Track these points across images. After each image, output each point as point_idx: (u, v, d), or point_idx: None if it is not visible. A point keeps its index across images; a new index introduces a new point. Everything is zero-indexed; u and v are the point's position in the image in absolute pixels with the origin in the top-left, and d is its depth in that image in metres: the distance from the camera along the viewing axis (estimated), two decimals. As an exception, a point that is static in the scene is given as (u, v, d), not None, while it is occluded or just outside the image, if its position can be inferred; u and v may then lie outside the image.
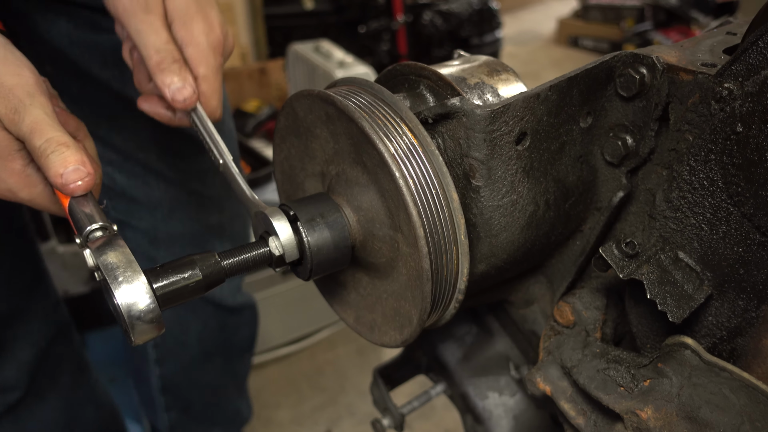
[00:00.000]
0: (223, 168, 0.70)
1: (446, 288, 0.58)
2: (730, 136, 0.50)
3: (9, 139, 0.63)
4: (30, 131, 0.60)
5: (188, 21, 0.73)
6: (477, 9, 4.81)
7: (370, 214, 0.61)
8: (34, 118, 0.61)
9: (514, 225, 0.60)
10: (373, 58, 4.35)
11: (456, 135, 0.56)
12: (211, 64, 0.74)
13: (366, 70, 2.54)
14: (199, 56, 0.73)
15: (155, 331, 0.53)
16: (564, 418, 0.63)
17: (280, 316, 2.39)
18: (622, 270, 0.55)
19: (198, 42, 0.73)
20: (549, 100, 0.56)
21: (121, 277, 0.52)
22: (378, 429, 0.99)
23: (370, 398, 1.04)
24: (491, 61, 0.68)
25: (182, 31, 0.73)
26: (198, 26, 0.73)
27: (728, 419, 0.49)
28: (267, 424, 2.21)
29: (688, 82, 0.54)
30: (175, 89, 0.69)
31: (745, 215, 0.51)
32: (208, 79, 0.74)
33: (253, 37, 4.10)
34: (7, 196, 0.66)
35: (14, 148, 0.64)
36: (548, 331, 0.69)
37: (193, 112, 0.73)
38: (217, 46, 0.75)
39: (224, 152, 0.70)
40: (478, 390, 0.90)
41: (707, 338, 0.59)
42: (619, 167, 0.63)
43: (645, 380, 0.54)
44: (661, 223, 0.58)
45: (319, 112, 0.61)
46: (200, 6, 0.74)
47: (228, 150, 0.70)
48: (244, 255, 0.60)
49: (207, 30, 0.74)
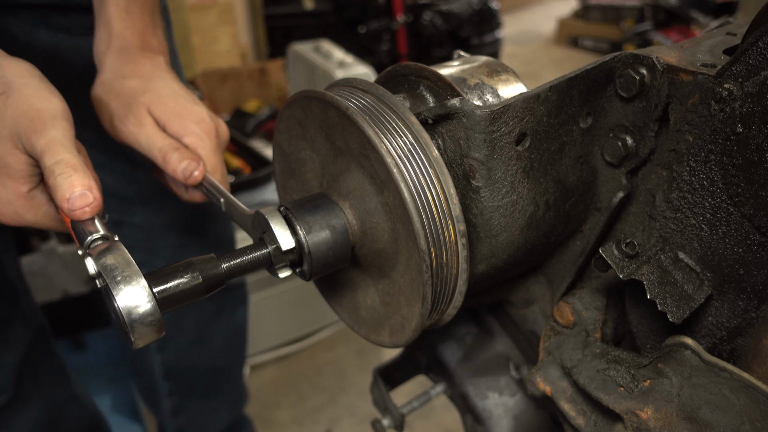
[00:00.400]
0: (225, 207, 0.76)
1: (446, 288, 0.58)
2: (730, 137, 0.50)
3: (24, 162, 0.67)
4: (43, 151, 0.64)
5: (178, 119, 0.84)
6: (477, 9, 4.81)
7: (370, 214, 0.61)
8: (50, 139, 0.64)
9: (514, 225, 0.60)
10: (373, 58, 4.35)
11: (456, 135, 0.56)
12: (208, 145, 0.85)
13: (366, 70, 2.54)
14: (196, 141, 0.84)
15: (155, 334, 0.54)
16: (564, 419, 0.63)
17: (280, 316, 2.39)
18: (622, 270, 0.55)
19: (192, 131, 0.84)
20: (549, 101, 0.56)
21: (122, 282, 0.52)
22: (378, 429, 0.99)
23: (370, 398, 1.04)
24: (491, 62, 0.68)
25: (176, 127, 0.84)
26: (188, 119, 0.84)
27: (728, 419, 0.49)
28: (267, 424, 2.21)
29: (688, 83, 0.54)
30: (182, 170, 0.80)
31: (745, 216, 0.51)
32: (207, 158, 0.84)
33: (253, 37, 4.10)
34: (13, 219, 0.70)
35: (27, 172, 0.68)
36: (548, 331, 0.69)
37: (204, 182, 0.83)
38: (210, 130, 0.86)
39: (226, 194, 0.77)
40: (478, 390, 0.90)
41: (707, 338, 0.59)
42: (619, 168, 0.63)
43: (645, 380, 0.54)
44: (661, 223, 0.58)
45: (316, 114, 0.61)
46: (184, 106, 0.85)
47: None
48: (244, 257, 0.61)
49: (198, 120, 0.85)
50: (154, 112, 0.84)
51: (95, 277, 0.55)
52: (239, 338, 1.68)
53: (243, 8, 4.00)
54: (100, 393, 2.12)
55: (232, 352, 1.66)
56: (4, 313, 1.24)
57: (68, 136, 0.67)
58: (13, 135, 0.66)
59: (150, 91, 0.85)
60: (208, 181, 0.82)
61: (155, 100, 0.84)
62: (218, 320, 1.56)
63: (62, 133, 0.66)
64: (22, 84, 0.67)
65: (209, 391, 1.63)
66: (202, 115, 0.87)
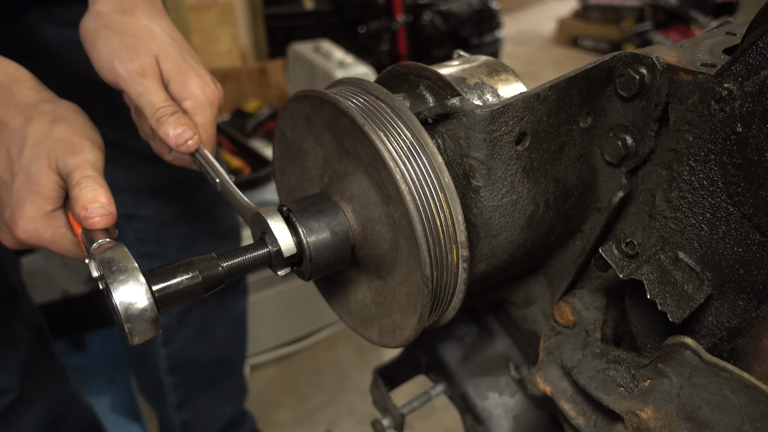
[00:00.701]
0: (221, 187, 0.74)
1: (446, 288, 0.58)
2: (730, 137, 0.50)
3: (54, 182, 0.71)
4: (75, 168, 0.70)
5: (184, 79, 0.80)
6: (477, 9, 4.81)
7: (370, 214, 0.61)
8: (84, 160, 0.70)
9: (513, 225, 0.60)
10: (373, 58, 4.35)
11: (456, 135, 0.56)
12: (208, 115, 0.82)
13: (366, 70, 2.54)
14: (196, 108, 0.80)
15: (153, 332, 0.54)
16: (564, 419, 0.63)
17: (280, 315, 2.39)
18: (622, 270, 0.55)
19: (195, 95, 0.80)
20: (549, 101, 0.56)
21: (120, 278, 0.53)
22: (378, 429, 0.99)
23: (370, 398, 1.04)
24: (491, 62, 0.68)
25: (179, 87, 0.80)
26: (194, 82, 0.81)
27: (728, 419, 0.49)
28: (267, 424, 2.21)
29: (688, 83, 0.54)
30: (174, 135, 0.76)
31: (744, 215, 0.51)
32: (204, 127, 0.81)
33: (253, 37, 4.10)
34: (31, 236, 0.72)
35: (55, 192, 0.71)
36: (548, 331, 0.69)
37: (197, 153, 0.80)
38: (214, 99, 0.83)
39: (222, 174, 0.74)
40: (478, 390, 0.90)
41: (707, 338, 0.58)
42: (618, 167, 0.63)
43: (645, 380, 0.54)
44: (660, 223, 0.58)
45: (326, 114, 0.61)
46: (191, 65, 0.82)
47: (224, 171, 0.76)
48: (243, 257, 0.61)
49: (203, 85, 0.81)
50: (161, 64, 0.80)
51: (98, 279, 0.55)
52: (241, 329, 1.70)
53: (243, 8, 4.00)
54: (100, 393, 2.13)
55: (234, 343, 1.68)
56: (5, 314, 1.24)
57: (100, 163, 0.73)
58: (50, 155, 0.70)
59: (157, 38, 0.80)
60: (202, 153, 0.78)
61: (163, 50, 0.80)
62: (221, 312, 1.57)
63: (95, 158, 0.72)
64: (71, 117, 0.74)
65: (213, 384, 1.65)
66: (207, 80, 0.83)
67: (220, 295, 1.55)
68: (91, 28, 0.80)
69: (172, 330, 1.48)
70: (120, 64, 0.77)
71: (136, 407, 2.08)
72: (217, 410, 1.69)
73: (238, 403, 1.77)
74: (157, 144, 0.86)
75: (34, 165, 0.70)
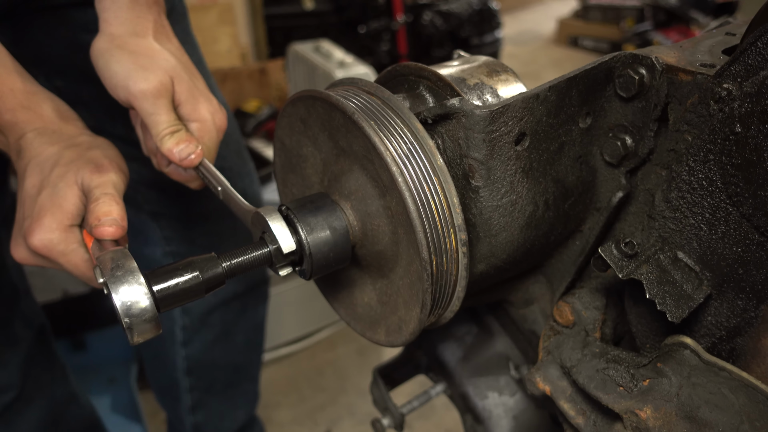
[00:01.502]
0: (223, 195, 0.75)
1: (446, 288, 0.58)
2: (729, 137, 0.50)
3: (77, 197, 0.75)
4: (97, 185, 0.74)
5: (195, 102, 0.84)
6: (477, 9, 4.81)
7: (371, 217, 0.61)
8: (107, 179, 0.75)
9: (513, 225, 0.60)
10: (373, 58, 4.35)
11: (455, 135, 0.57)
12: (214, 138, 0.86)
13: (366, 70, 2.54)
14: (204, 130, 0.85)
15: (153, 331, 0.55)
16: (564, 418, 0.63)
17: (281, 315, 2.39)
18: (622, 270, 0.55)
19: (204, 119, 0.85)
20: (548, 101, 0.57)
21: (121, 279, 0.54)
22: (378, 429, 0.99)
23: (370, 398, 1.04)
24: (491, 62, 0.68)
25: (189, 109, 0.84)
26: (204, 107, 0.85)
27: (727, 419, 0.49)
28: (267, 424, 2.21)
29: (687, 83, 0.54)
30: (178, 151, 0.80)
31: (743, 215, 0.51)
32: (209, 149, 0.85)
33: (253, 37, 4.10)
34: (45, 246, 0.74)
35: (76, 207, 0.75)
36: (548, 330, 0.69)
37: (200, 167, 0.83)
38: (221, 125, 0.87)
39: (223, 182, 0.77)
40: (478, 390, 0.91)
41: (706, 338, 0.59)
42: (618, 167, 0.63)
43: (644, 380, 0.54)
44: (660, 223, 0.58)
45: (320, 114, 0.61)
46: (201, 90, 0.86)
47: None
48: (244, 256, 0.61)
49: (212, 110, 0.86)
50: (175, 86, 0.83)
51: (103, 285, 0.56)
52: (259, 336, 1.70)
53: (243, 8, 4.00)
54: (100, 393, 2.13)
55: (252, 349, 1.68)
56: (6, 313, 1.25)
57: (122, 186, 0.78)
58: (78, 171, 0.75)
59: (170, 60, 0.84)
60: (206, 166, 0.81)
61: (177, 73, 0.83)
62: (243, 317, 1.57)
63: (119, 180, 0.77)
64: (105, 146, 0.81)
65: (228, 389, 1.64)
66: (215, 106, 0.86)
67: (242, 299, 1.54)
68: (104, 49, 0.82)
69: (193, 331, 1.48)
70: (134, 84, 0.80)
71: (136, 407, 2.08)
72: (229, 415, 1.69)
73: (250, 409, 1.76)
74: (158, 159, 0.90)
75: (61, 180, 0.75)
